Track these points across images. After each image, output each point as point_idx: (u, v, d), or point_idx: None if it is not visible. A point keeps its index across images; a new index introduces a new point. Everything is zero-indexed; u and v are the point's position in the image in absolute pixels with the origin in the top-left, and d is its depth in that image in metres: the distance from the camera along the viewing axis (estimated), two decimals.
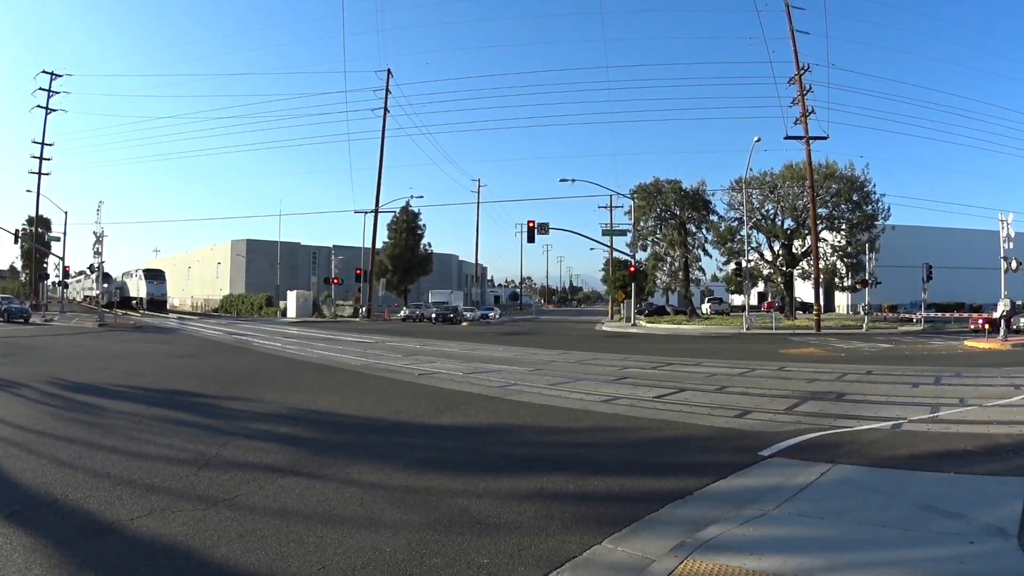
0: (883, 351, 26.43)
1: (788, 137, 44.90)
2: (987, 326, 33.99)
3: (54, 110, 71.31)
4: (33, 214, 75.33)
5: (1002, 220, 33.27)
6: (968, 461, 7.88)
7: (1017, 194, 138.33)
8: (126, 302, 78.60)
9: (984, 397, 13.11)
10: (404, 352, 25.48)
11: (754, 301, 59.06)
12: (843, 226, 56.23)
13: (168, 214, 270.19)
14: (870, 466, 7.69)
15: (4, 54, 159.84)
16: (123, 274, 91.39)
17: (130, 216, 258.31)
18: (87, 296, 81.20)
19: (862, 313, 47.09)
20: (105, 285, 67.47)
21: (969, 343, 29.82)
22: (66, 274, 71.43)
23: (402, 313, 66.70)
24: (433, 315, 61.14)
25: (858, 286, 51.43)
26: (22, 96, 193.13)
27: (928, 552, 4.91)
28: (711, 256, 66.22)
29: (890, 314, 56.82)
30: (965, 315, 49.92)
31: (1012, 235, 32.77)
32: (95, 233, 51.60)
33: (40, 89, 70.43)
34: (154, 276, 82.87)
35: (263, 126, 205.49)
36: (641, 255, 63.67)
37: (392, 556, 5.09)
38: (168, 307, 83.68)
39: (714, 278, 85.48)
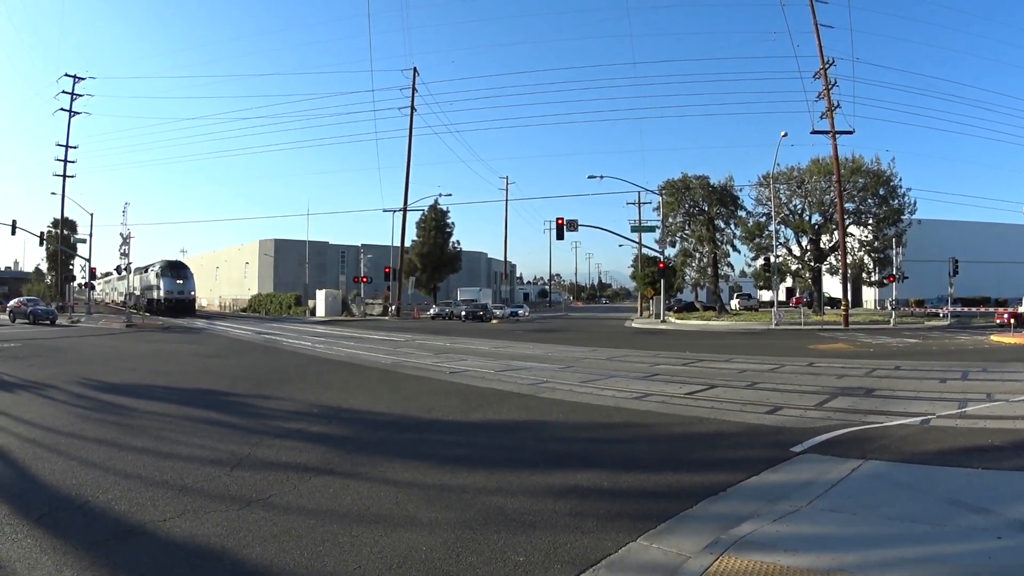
0: (911, 346, 26.25)
1: (814, 132, 44.51)
2: (1012, 320, 33.54)
3: (77, 113, 71.54)
4: (58, 216, 76.06)
5: None
6: (995, 456, 7.90)
7: None
8: (148, 303, 68.96)
9: (1011, 392, 13.05)
10: (434, 350, 25.56)
11: (782, 296, 58.65)
12: (870, 221, 55.76)
13: (195, 215, 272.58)
14: (900, 462, 7.73)
15: (27, 59, 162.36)
16: (135, 270, 73.68)
17: (157, 217, 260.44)
18: (135, 295, 69.68)
19: (889, 308, 46.65)
20: (169, 276, 65.88)
21: (995, 338, 29.53)
22: (92, 275, 71.84)
23: (431, 311, 66.80)
24: (463, 313, 61.30)
25: (885, 281, 50.94)
26: (45, 100, 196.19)
27: (957, 548, 4.97)
28: (739, 251, 66.18)
29: (917, 309, 56.21)
30: (991, 309, 49.32)
31: None
32: (122, 235, 52.34)
33: (63, 92, 70.87)
34: (174, 271, 70.09)
35: (291, 126, 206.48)
36: (670, 251, 63.80)
37: (428, 555, 5.12)
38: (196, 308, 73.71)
39: (742, 274, 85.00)
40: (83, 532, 5.63)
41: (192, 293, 70.90)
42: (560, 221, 49.77)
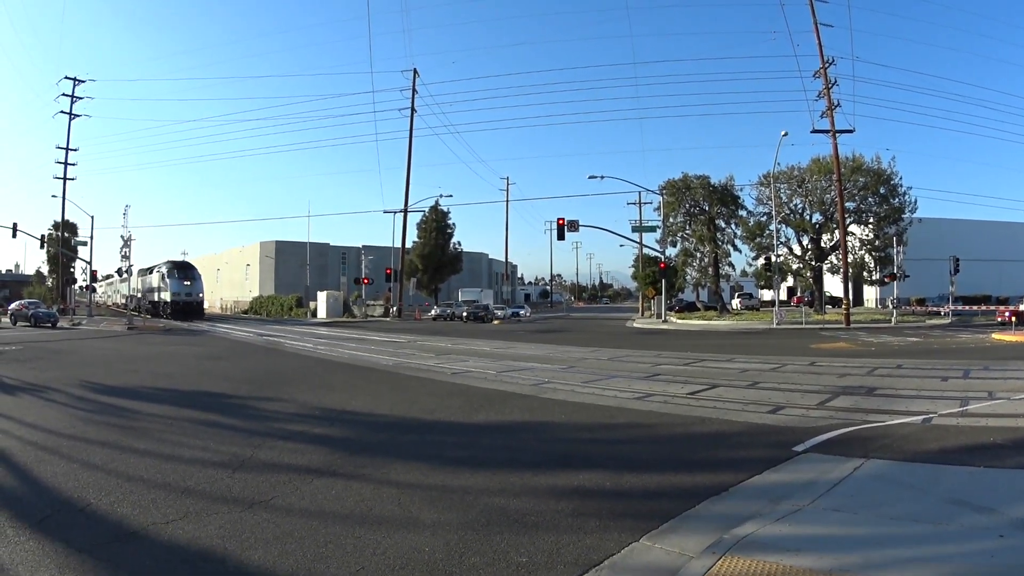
0: (912, 345, 26.27)
1: (815, 131, 44.63)
2: (1013, 319, 33.57)
3: (78, 115, 71.15)
4: (59, 219, 75.91)
5: None
6: (997, 455, 7.91)
7: None
8: (153, 306, 67.63)
9: (1012, 390, 13.08)
10: (436, 351, 25.54)
11: (783, 296, 58.62)
12: (870, 220, 55.75)
13: (196, 217, 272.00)
14: (902, 461, 7.73)
15: (28, 60, 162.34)
16: (139, 272, 72.32)
17: (157, 219, 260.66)
18: (138, 297, 69.03)
19: (890, 307, 46.68)
20: (177, 277, 64.46)
21: (997, 336, 29.64)
22: (94, 278, 71.58)
23: (433, 312, 66.95)
24: (464, 314, 61.30)
25: (886, 280, 50.96)
26: (45, 102, 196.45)
27: (959, 547, 4.98)
28: (740, 251, 66.37)
29: (918, 307, 56.22)
30: (992, 308, 49.54)
31: None
32: (123, 237, 52.14)
33: (63, 95, 70.69)
34: (182, 271, 67.28)
35: (291, 128, 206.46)
36: (671, 251, 63.97)
37: (431, 556, 5.13)
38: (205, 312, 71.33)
39: (743, 273, 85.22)
40: (85, 535, 5.62)
41: (200, 295, 69.04)
42: (561, 221, 49.70)
